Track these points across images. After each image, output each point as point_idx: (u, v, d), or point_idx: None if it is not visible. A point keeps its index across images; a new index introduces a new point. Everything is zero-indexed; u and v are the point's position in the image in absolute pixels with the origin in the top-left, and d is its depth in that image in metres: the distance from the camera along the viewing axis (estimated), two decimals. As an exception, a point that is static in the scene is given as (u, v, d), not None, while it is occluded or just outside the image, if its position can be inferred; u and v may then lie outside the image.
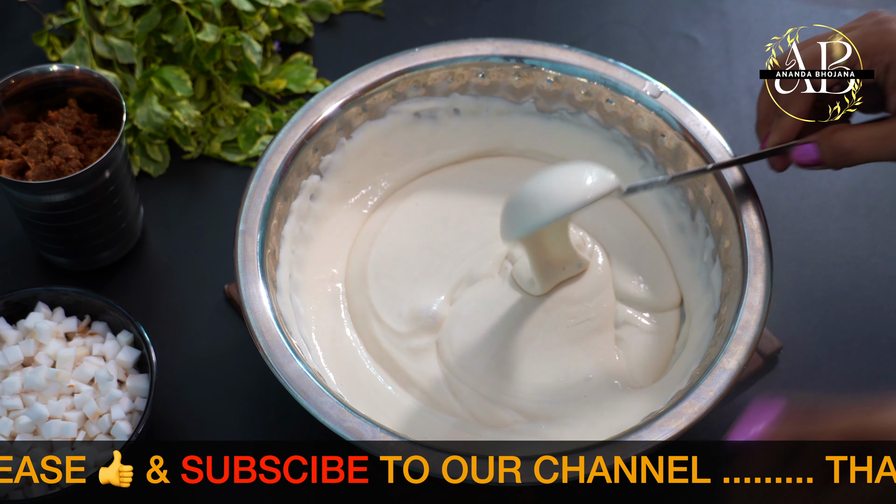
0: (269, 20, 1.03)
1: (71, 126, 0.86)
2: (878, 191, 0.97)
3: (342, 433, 0.72)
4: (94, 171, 0.83)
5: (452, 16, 1.08)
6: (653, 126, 0.86)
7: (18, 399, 0.77)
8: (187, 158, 0.98)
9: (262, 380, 0.84)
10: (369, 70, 0.88)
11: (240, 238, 0.80)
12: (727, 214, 0.82)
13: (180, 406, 0.85)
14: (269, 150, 0.84)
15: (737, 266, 0.80)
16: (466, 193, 0.91)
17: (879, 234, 0.94)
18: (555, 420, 0.79)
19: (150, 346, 0.79)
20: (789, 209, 0.96)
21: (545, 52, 0.89)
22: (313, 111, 0.86)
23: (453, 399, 0.81)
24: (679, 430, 0.72)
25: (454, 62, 0.89)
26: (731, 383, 0.74)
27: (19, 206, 0.85)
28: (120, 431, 0.77)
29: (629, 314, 0.85)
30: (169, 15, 0.98)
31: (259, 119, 0.98)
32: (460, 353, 0.82)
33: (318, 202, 0.88)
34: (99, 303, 0.82)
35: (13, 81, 0.86)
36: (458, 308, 0.84)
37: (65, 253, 0.89)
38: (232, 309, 0.90)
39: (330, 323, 0.85)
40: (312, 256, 0.87)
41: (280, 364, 0.75)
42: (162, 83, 0.96)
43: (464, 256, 0.87)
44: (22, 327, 0.81)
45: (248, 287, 0.78)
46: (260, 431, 0.84)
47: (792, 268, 0.92)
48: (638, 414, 0.78)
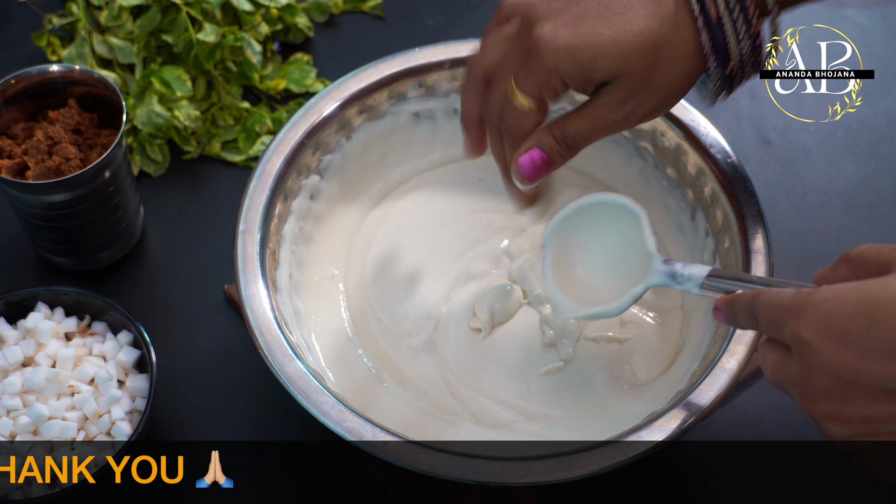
0: (269, 20, 1.03)
1: (71, 126, 0.86)
2: (879, 190, 0.97)
3: (342, 433, 0.72)
4: (94, 171, 0.83)
5: (452, 16, 1.08)
6: (652, 125, 0.86)
7: (18, 399, 0.77)
8: (187, 158, 0.98)
9: (262, 380, 0.84)
10: (369, 70, 0.88)
11: (240, 238, 0.80)
12: (727, 214, 0.82)
13: (180, 406, 0.85)
14: (269, 150, 0.84)
15: (737, 266, 0.79)
16: (465, 191, 0.91)
17: (880, 234, 0.94)
18: (555, 420, 0.79)
19: (150, 346, 0.79)
20: (789, 209, 0.96)
21: (545, 51, 0.89)
22: (313, 111, 0.86)
23: (452, 398, 0.81)
24: (679, 430, 0.72)
25: (454, 62, 0.89)
26: (731, 383, 0.73)
27: (19, 206, 0.85)
28: (120, 431, 0.77)
29: (632, 312, 0.85)
30: (169, 15, 0.98)
31: (259, 119, 0.98)
32: (458, 352, 0.82)
33: (317, 202, 0.88)
34: (99, 303, 0.82)
35: (13, 81, 0.86)
36: (456, 307, 0.84)
37: (65, 253, 0.89)
38: (232, 309, 0.90)
39: (330, 323, 0.85)
40: (312, 256, 0.87)
41: (280, 364, 0.75)
42: (162, 83, 0.96)
43: (461, 254, 0.87)
44: (22, 327, 0.81)
45: (248, 287, 0.78)
46: (260, 431, 0.84)
47: (792, 268, 0.92)
48: (638, 414, 0.78)
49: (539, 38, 0.69)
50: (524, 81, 0.70)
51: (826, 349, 0.56)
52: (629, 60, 0.68)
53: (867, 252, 0.62)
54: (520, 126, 0.72)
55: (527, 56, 0.69)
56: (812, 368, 0.57)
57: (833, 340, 0.56)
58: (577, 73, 0.69)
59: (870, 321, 0.55)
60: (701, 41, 0.69)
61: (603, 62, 0.68)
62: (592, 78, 0.69)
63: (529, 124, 0.72)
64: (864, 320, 0.55)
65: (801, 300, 0.58)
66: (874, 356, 0.55)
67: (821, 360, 0.57)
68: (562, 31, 0.68)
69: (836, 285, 0.57)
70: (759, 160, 0.98)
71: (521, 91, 0.70)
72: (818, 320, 0.57)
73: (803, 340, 0.57)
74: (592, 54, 0.68)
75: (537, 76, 0.69)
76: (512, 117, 0.72)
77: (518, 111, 0.71)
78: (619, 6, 0.68)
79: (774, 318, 0.60)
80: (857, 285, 0.57)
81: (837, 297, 0.57)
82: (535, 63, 0.69)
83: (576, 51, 0.68)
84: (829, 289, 0.57)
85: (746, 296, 0.63)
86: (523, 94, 0.70)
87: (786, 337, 0.59)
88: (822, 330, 0.56)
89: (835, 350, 0.56)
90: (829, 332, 0.56)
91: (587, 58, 0.68)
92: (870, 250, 0.61)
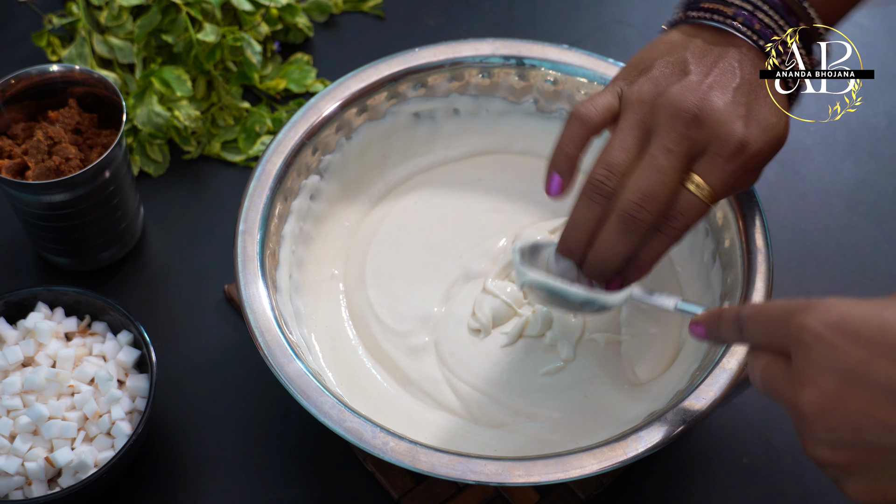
0: (269, 20, 1.03)
1: (71, 126, 0.86)
2: (879, 189, 0.97)
3: (342, 433, 0.72)
4: (94, 171, 0.83)
5: (452, 16, 1.08)
6: (653, 126, 0.86)
7: (18, 399, 0.77)
8: (187, 158, 0.98)
9: (262, 380, 0.84)
10: (369, 70, 0.88)
11: (240, 238, 0.80)
12: (727, 214, 0.82)
13: (180, 406, 0.85)
14: (269, 150, 0.84)
15: (737, 266, 0.79)
16: (465, 191, 0.91)
17: (881, 233, 0.94)
18: (555, 420, 0.79)
19: (150, 346, 0.79)
20: (789, 209, 0.96)
21: (545, 52, 0.89)
22: (313, 111, 0.86)
23: (452, 398, 0.81)
24: (679, 430, 0.72)
25: (454, 62, 0.89)
26: (731, 383, 0.73)
27: (19, 206, 0.85)
28: (120, 431, 0.77)
29: (633, 312, 0.84)
30: (169, 15, 0.98)
31: (259, 119, 0.98)
32: (458, 352, 0.82)
33: (317, 202, 0.88)
34: (99, 303, 0.82)
35: (13, 81, 0.86)
36: (455, 306, 0.84)
37: (65, 253, 0.89)
38: (232, 309, 0.90)
39: (330, 322, 0.85)
40: (312, 256, 0.87)
41: (280, 364, 0.75)
42: (162, 83, 0.96)
43: (461, 254, 0.87)
44: (22, 327, 0.81)
45: (248, 287, 0.78)
46: (260, 431, 0.84)
47: (792, 267, 0.92)
48: (638, 414, 0.78)
49: (744, 141, 0.70)
50: (717, 175, 0.70)
51: (840, 343, 0.56)
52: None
53: None
54: (690, 218, 0.70)
55: (732, 154, 0.70)
56: (816, 363, 0.57)
57: (847, 337, 0.56)
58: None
59: (882, 326, 0.56)
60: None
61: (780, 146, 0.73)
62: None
63: (694, 219, 0.71)
64: (876, 325, 0.56)
65: (808, 302, 0.58)
66: (887, 357, 0.55)
67: (831, 354, 0.56)
68: (752, 130, 0.70)
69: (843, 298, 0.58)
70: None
71: (707, 182, 0.70)
72: (831, 318, 0.57)
73: (815, 333, 0.57)
74: (780, 143, 0.72)
75: (739, 178, 0.70)
76: (688, 206, 0.70)
77: (695, 201, 0.70)
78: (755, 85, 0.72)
79: (772, 319, 0.60)
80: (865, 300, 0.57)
81: (848, 302, 0.57)
82: (740, 165, 0.70)
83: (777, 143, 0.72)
84: (835, 298, 0.58)
85: (732, 308, 0.64)
86: (710, 186, 0.70)
87: (789, 333, 0.58)
88: (835, 326, 0.56)
89: (849, 345, 0.56)
90: (843, 330, 0.56)
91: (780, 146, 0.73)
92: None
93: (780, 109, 0.71)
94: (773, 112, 0.71)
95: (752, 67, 0.71)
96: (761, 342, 0.61)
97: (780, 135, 0.72)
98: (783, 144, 0.72)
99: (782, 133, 0.72)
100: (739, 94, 0.70)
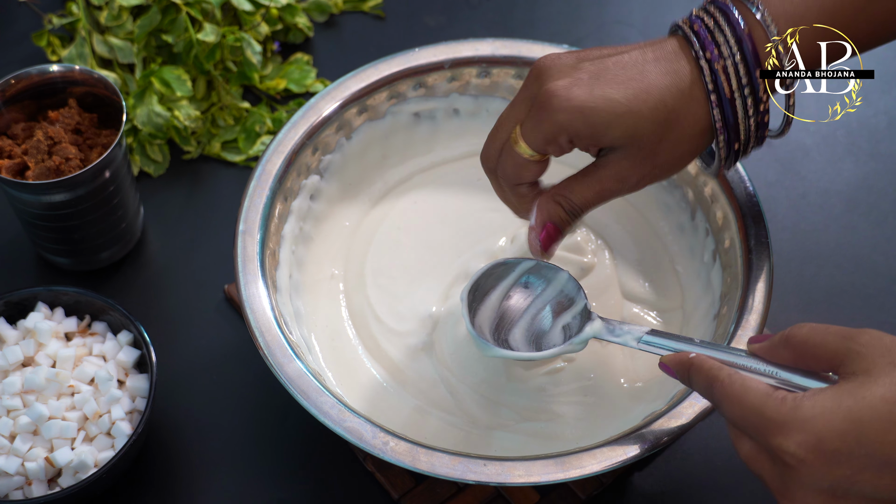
0: (269, 20, 1.03)
1: (71, 126, 0.86)
2: (879, 189, 0.97)
3: (342, 433, 0.72)
4: (94, 171, 0.83)
5: (452, 16, 1.08)
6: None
7: (18, 399, 0.77)
8: (187, 158, 0.98)
9: (262, 380, 0.84)
10: (369, 70, 0.88)
11: (240, 238, 0.80)
12: (727, 214, 0.82)
13: (180, 406, 0.85)
14: (269, 150, 0.84)
15: (737, 266, 0.80)
16: (464, 190, 0.91)
17: (880, 233, 0.94)
18: (555, 420, 0.79)
19: (150, 346, 0.79)
20: (789, 209, 0.96)
21: (545, 52, 0.89)
22: (313, 111, 0.86)
23: (452, 398, 0.81)
24: (679, 429, 0.72)
25: (454, 62, 0.89)
26: (731, 383, 0.73)
27: (19, 206, 0.85)
28: (120, 431, 0.77)
29: (634, 312, 0.85)
30: (169, 15, 0.98)
31: (259, 119, 0.98)
32: (457, 351, 0.82)
33: (317, 202, 0.88)
34: (99, 303, 0.82)
35: (13, 81, 0.86)
36: (455, 306, 0.84)
37: (65, 253, 0.89)
38: (232, 309, 0.90)
39: (330, 322, 0.85)
40: (312, 256, 0.87)
41: (280, 364, 0.75)
42: (162, 83, 0.96)
43: (460, 253, 0.87)
44: (22, 327, 0.81)
45: (248, 287, 0.78)
46: (260, 431, 0.84)
47: (792, 268, 0.92)
48: (638, 414, 0.78)
49: (552, 92, 0.68)
50: (531, 132, 0.69)
51: (822, 466, 0.58)
52: (641, 132, 0.67)
53: (812, 338, 0.62)
54: (518, 175, 0.72)
55: (537, 108, 0.68)
56: (801, 484, 0.58)
57: (828, 458, 0.57)
58: (588, 136, 0.68)
59: (859, 440, 0.57)
60: (713, 118, 0.68)
61: (616, 130, 0.67)
62: (601, 142, 0.69)
63: (528, 174, 0.72)
64: (853, 440, 0.57)
65: (785, 416, 0.59)
66: (866, 471, 0.57)
67: (815, 475, 0.58)
68: (576, 90, 0.67)
69: (817, 401, 0.58)
70: (759, 160, 0.98)
71: (525, 141, 0.70)
72: (809, 441, 0.58)
73: (795, 457, 0.58)
74: (606, 119, 0.67)
75: (545, 130, 0.68)
76: (511, 165, 0.71)
77: (518, 159, 0.71)
78: (636, 72, 0.67)
79: (750, 422, 0.60)
80: (839, 403, 0.58)
81: (825, 416, 0.57)
82: (546, 117, 0.68)
83: (590, 113, 0.67)
84: (811, 406, 0.58)
85: (703, 369, 0.64)
86: (528, 144, 0.70)
87: (769, 446, 0.59)
88: (813, 449, 0.58)
89: (832, 467, 0.57)
90: (822, 452, 0.57)
91: (601, 122, 0.67)
92: (814, 336, 0.62)
93: (644, 98, 0.67)
94: (623, 91, 0.67)
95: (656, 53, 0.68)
96: (738, 426, 0.62)
97: (616, 113, 0.67)
98: (621, 122, 0.67)
99: (618, 109, 0.67)
100: (607, 65, 0.68)
